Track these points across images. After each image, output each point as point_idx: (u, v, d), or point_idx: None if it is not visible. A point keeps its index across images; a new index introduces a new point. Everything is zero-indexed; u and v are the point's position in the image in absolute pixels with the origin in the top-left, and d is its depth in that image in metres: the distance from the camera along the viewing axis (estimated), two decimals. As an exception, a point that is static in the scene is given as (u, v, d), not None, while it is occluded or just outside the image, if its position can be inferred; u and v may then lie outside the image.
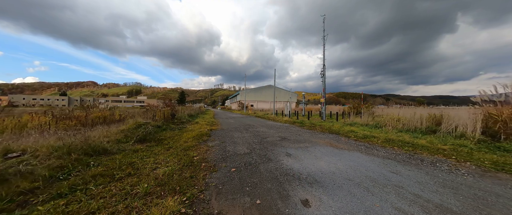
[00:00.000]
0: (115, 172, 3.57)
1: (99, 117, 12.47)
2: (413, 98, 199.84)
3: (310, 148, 5.76)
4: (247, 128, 10.82)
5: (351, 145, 6.43)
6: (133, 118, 11.18)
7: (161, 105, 14.35)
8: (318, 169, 3.89)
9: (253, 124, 12.86)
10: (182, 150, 5.35)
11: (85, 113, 13.46)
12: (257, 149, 5.61)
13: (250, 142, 6.66)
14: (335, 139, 7.41)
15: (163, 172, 3.56)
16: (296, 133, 8.78)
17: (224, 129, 10.12)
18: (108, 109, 23.09)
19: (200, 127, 10.39)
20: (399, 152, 5.52)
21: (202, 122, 13.35)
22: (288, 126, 11.86)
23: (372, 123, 11.01)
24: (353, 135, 8.30)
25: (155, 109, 12.39)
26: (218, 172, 3.71)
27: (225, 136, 7.93)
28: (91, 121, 11.00)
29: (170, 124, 10.43)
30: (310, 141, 6.85)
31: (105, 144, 5.32)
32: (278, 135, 8.10)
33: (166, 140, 6.73)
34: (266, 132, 8.99)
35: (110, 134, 6.88)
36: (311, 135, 8.30)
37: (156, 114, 10.80)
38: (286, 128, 11.02)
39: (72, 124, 9.97)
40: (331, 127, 10.74)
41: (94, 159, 4.26)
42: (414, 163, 4.50)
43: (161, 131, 8.60)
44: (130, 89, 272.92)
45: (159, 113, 10.92)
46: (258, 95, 53.46)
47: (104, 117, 12.44)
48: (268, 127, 11.12)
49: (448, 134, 7.61)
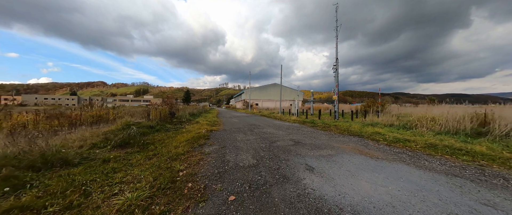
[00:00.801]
0: (50, 201, 2.29)
1: (93, 116, 11.44)
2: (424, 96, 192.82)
3: (336, 157, 4.33)
4: (252, 128, 9.46)
5: (386, 152, 4.95)
6: (131, 117, 10.06)
7: (159, 104, 13.22)
8: (364, 198, 2.48)
9: (259, 124, 11.49)
10: (168, 159, 4.05)
11: (80, 112, 12.48)
12: (266, 158, 4.23)
13: (256, 147, 5.29)
14: (361, 144, 5.93)
15: (123, 202, 2.25)
16: (310, 135, 7.34)
17: (226, 130, 8.79)
18: (112, 107, 22.11)
19: (199, 127, 9.12)
20: (459, 164, 4.03)
21: (203, 121, 12.10)
22: (299, 126, 10.41)
23: (397, 123, 9.41)
24: (381, 138, 6.78)
25: (150, 107, 11.22)
26: (207, 202, 2.36)
27: (226, 138, 6.59)
28: (81, 120, 9.97)
29: (166, 124, 9.22)
30: (331, 147, 5.41)
31: (70, 151, 4.09)
32: (289, 138, 6.69)
33: (153, 144, 5.46)
34: (274, 134, 7.59)
35: (89, 137, 5.68)
36: (329, 138, 6.85)
37: (151, 113, 9.61)
38: (296, 128, 9.58)
39: (55, 124, 8.93)
40: (349, 127, 9.22)
41: (38, 175, 3.01)
42: (500, 184, 3.02)
43: (153, 132, 7.38)
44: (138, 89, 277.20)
45: (155, 111, 9.74)
46: (263, 94, 51.98)
47: (99, 116, 11.41)
48: (276, 128, 9.72)
49: (504, 137, 6.01)
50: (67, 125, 9.20)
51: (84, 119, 10.50)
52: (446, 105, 12.02)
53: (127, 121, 7.78)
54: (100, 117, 11.28)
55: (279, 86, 53.84)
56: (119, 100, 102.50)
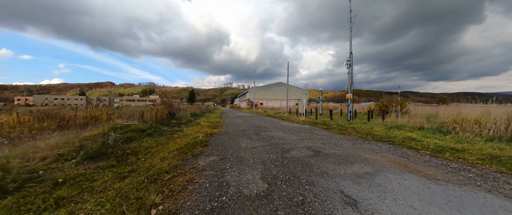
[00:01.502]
0: None
1: (87, 116, 10.51)
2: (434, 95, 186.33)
3: (379, 178, 3.07)
4: (258, 131, 8.25)
5: (441, 168, 3.66)
6: (129, 117, 9.04)
7: (159, 103, 12.21)
8: None
9: (265, 126, 10.27)
10: (146, 180, 2.91)
11: (75, 113, 11.61)
12: (281, 179, 3.02)
13: (265, 159, 4.08)
14: (399, 154, 4.63)
15: None
16: (328, 141, 6.06)
17: (229, 133, 7.63)
18: (115, 107, 21.14)
19: (199, 129, 7.99)
20: None
21: (205, 122, 10.99)
22: (310, 129, 9.13)
23: (427, 126, 7.98)
24: (419, 145, 5.45)
25: (146, 107, 10.19)
26: None
27: (228, 145, 5.40)
28: (76, 122, 9.05)
29: (162, 126, 8.14)
30: (363, 159, 4.14)
31: (13, 169, 3.00)
32: (304, 145, 5.44)
33: (136, 154, 4.33)
34: (285, 139, 6.36)
35: (62, 144, 4.63)
36: (353, 145, 5.56)
37: (145, 114, 8.56)
38: (308, 131, 8.31)
39: (41, 126, 8.00)
40: (371, 131, 7.88)
41: None
42: None
43: (144, 137, 6.29)
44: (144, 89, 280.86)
45: (150, 112, 8.69)
46: (268, 93, 50.67)
47: (95, 117, 10.48)
48: (285, 130, 8.48)
49: None
50: (54, 127, 8.28)
51: (77, 120, 9.60)
52: (477, 105, 10.46)
53: (115, 124, 6.74)
54: (95, 117, 10.37)
55: (284, 85, 52.44)
56: (126, 100, 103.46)
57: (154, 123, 8.35)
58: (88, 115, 10.64)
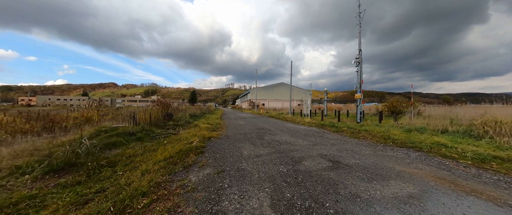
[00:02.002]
0: None
1: (78, 117, 9.77)
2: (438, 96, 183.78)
3: (433, 206, 2.21)
4: (261, 134, 7.41)
5: (501, 186, 2.81)
6: (124, 118, 8.27)
7: (151, 105, 11.43)
8: None
9: (269, 128, 9.42)
10: (113, 207, 2.09)
11: (66, 113, 10.92)
12: (299, 209, 2.18)
13: (274, 174, 3.24)
14: (435, 165, 3.76)
15: None
16: (344, 147, 5.20)
17: (229, 137, 6.80)
18: (116, 108, 20.24)
19: (196, 132, 7.18)
20: None
21: (204, 124, 10.18)
22: (319, 132, 8.26)
23: (452, 129, 7.08)
24: (454, 153, 4.58)
25: (143, 108, 9.43)
26: None
27: (228, 153, 4.57)
28: (67, 123, 8.32)
29: (156, 129, 7.35)
30: (396, 173, 3.28)
31: None
32: (318, 152, 4.58)
33: (114, 166, 3.52)
34: (293, 144, 5.51)
35: (28, 152, 3.84)
36: (374, 152, 4.70)
37: (138, 115, 7.78)
38: (317, 134, 7.45)
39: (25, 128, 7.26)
40: (387, 134, 7.00)
41: None
42: None
43: (132, 142, 5.48)
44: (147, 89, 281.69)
45: (143, 113, 7.90)
46: (270, 94, 49.82)
47: (87, 118, 9.74)
48: (291, 133, 7.63)
49: None
50: (38, 130, 7.53)
51: (69, 121, 8.88)
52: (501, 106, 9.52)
53: (101, 126, 5.95)
54: (87, 119, 9.62)
55: (286, 85, 51.52)
56: (128, 101, 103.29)
57: (147, 125, 7.56)
58: (79, 116, 9.90)
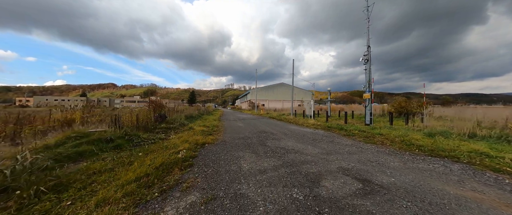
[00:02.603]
0: None
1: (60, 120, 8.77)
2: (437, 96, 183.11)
3: None
4: (263, 139, 6.45)
5: None
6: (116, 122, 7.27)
7: (137, 106, 10.45)
8: None
9: (271, 131, 8.46)
10: None
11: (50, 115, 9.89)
12: None
13: (286, 205, 2.27)
14: (500, 186, 2.82)
15: None
16: (365, 157, 4.25)
17: (226, 143, 5.84)
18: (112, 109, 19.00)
19: (188, 137, 6.21)
20: None
21: (199, 127, 9.20)
22: (328, 136, 7.31)
23: (482, 133, 6.14)
24: (504, 165, 3.64)
25: (131, 110, 8.46)
26: None
27: (223, 167, 3.61)
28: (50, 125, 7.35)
29: (142, 133, 6.37)
30: (457, 200, 2.32)
31: None
32: (338, 166, 3.62)
33: (65, 190, 2.55)
34: (303, 153, 4.56)
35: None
36: (404, 164, 3.76)
37: (124, 117, 6.80)
38: (327, 139, 6.49)
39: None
40: (408, 139, 6.06)
41: None
42: None
43: (108, 150, 4.51)
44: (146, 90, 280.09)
45: (128, 116, 6.92)
46: (270, 94, 48.89)
47: (70, 120, 8.74)
48: (297, 137, 6.67)
49: None
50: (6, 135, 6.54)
51: (49, 124, 7.89)
52: None
53: (71, 131, 4.97)
54: (71, 120, 8.63)
55: (286, 86, 50.64)
56: (126, 101, 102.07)
57: (132, 128, 6.59)
58: (61, 118, 8.90)
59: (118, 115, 6.59)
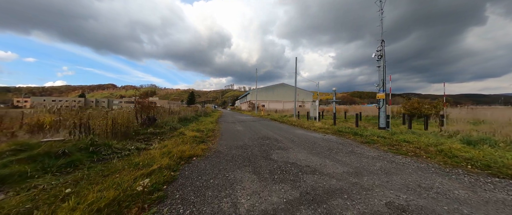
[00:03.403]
0: None
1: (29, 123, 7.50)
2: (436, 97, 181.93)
3: None
4: (267, 149, 5.20)
5: None
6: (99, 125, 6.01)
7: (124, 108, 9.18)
8: None
9: (276, 137, 7.21)
10: None
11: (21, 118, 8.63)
12: None
13: None
14: None
15: None
16: (414, 181, 3.00)
17: (220, 154, 4.59)
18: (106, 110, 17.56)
19: (173, 147, 4.97)
20: None
21: (191, 132, 7.95)
22: (343, 143, 6.07)
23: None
24: None
25: (123, 110, 7.20)
26: None
27: (208, 203, 2.36)
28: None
29: (116, 142, 5.11)
30: None
31: None
32: (385, 200, 2.36)
33: None
34: (323, 173, 3.32)
35: None
36: (476, 194, 2.51)
37: (94, 122, 5.54)
38: (345, 149, 5.25)
39: None
40: (446, 148, 4.84)
41: None
42: None
43: (54, 169, 3.25)
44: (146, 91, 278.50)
45: (103, 120, 5.65)
46: (270, 95, 47.70)
47: (40, 124, 7.47)
48: (308, 147, 5.42)
49: None
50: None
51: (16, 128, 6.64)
52: None
53: (14, 142, 3.71)
54: (41, 124, 7.36)
55: (287, 86, 49.44)
56: (125, 102, 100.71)
57: (108, 135, 5.34)
58: (34, 121, 7.62)
59: (87, 119, 5.33)
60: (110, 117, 5.81)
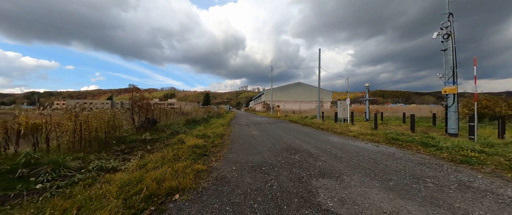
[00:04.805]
0: None
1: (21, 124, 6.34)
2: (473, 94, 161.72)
3: None
4: (301, 173, 3.12)
5: None
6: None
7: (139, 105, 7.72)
8: None
9: (305, 147, 5.05)
10: None
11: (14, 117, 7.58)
12: None
13: None
14: None
15: None
16: None
17: (225, 182, 2.65)
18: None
19: (157, 164, 3.15)
20: None
21: (194, 138, 6.17)
22: (423, 162, 3.70)
23: None
24: None
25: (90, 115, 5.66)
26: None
27: None
28: None
29: (74, 162, 3.46)
30: None
31: None
32: None
33: None
34: None
35: None
36: None
37: (65, 132, 3.99)
38: (447, 179, 2.93)
39: None
40: None
41: None
42: None
43: None
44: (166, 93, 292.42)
45: (80, 124, 4.07)
46: (285, 95, 45.06)
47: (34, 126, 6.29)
48: (369, 169, 3.21)
49: None
50: None
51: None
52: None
53: None
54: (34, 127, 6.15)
55: (304, 86, 46.43)
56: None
57: (77, 145, 3.73)
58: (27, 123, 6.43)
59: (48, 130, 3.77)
60: (81, 119, 4.21)
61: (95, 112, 4.77)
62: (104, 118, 4.72)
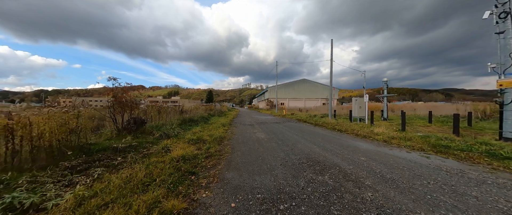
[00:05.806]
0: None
1: None
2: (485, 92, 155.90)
3: None
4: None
5: None
6: None
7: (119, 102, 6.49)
8: None
9: (332, 159, 3.70)
10: None
11: None
12: None
13: None
14: None
15: None
16: None
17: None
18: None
19: (110, 198, 1.87)
20: None
21: (184, 145, 4.90)
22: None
23: None
24: None
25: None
26: None
27: None
28: None
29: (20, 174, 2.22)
30: None
31: None
32: None
33: None
34: None
35: None
36: None
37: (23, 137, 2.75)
38: None
39: None
40: None
41: None
42: None
43: None
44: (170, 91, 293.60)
45: (11, 131, 2.85)
46: (290, 92, 43.46)
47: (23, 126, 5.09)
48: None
49: None
50: None
51: None
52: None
53: None
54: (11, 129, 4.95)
55: (308, 82, 44.74)
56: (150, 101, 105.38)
57: (10, 160, 2.49)
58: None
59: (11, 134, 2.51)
60: (20, 124, 2.95)
61: (46, 111, 3.51)
62: (57, 119, 3.44)
